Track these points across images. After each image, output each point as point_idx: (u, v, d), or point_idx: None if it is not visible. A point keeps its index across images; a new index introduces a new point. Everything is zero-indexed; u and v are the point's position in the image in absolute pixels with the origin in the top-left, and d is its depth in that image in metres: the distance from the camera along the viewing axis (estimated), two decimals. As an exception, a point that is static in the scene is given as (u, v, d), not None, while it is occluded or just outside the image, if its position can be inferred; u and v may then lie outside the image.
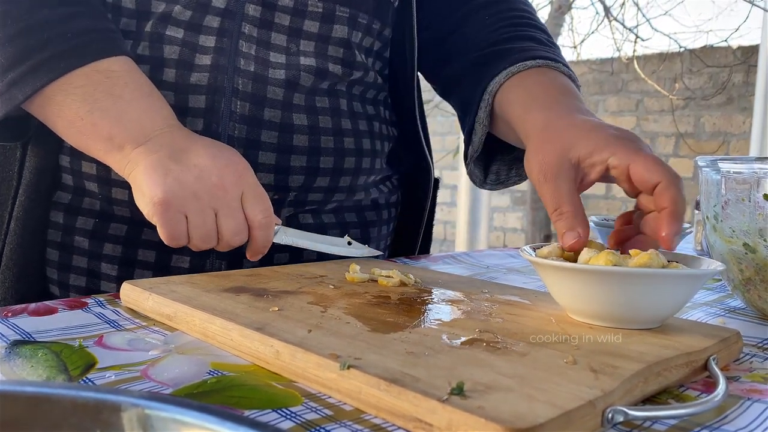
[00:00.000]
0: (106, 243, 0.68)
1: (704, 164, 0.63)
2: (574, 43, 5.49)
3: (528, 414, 0.30)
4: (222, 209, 0.58)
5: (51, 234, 0.69)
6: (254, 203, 0.59)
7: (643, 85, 4.69)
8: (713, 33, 9.02)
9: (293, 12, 0.69)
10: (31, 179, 0.67)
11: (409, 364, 0.36)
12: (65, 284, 0.69)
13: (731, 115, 4.35)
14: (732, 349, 0.45)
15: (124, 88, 0.59)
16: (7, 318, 0.50)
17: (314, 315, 0.47)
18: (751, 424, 0.35)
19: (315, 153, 0.71)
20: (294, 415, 0.34)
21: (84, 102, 0.57)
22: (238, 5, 0.66)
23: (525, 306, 0.52)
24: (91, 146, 0.60)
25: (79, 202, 0.68)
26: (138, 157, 0.58)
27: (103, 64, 0.58)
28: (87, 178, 0.67)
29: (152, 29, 0.65)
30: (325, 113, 0.72)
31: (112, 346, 0.44)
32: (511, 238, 5.57)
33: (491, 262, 0.90)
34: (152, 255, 0.68)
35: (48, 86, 0.57)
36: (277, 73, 0.68)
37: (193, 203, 0.56)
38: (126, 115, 0.58)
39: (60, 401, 0.25)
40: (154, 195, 0.55)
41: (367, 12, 0.74)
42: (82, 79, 0.58)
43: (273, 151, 0.68)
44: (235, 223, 0.58)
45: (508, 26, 0.76)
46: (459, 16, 0.81)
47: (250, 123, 0.67)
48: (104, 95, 0.58)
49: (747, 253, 0.58)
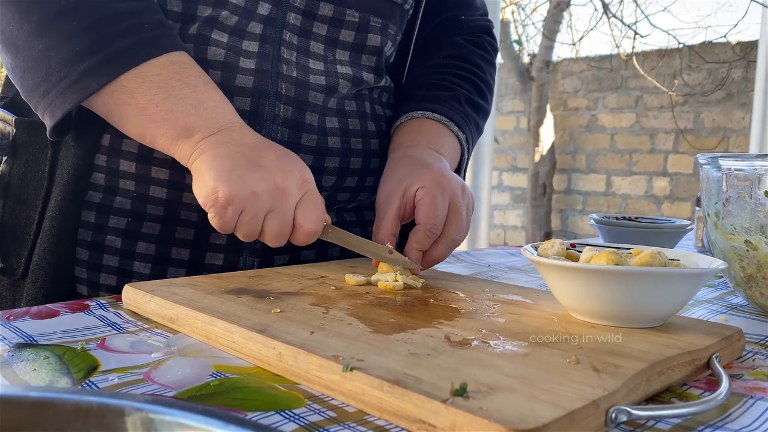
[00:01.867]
0: (140, 242, 0.68)
1: (705, 161, 0.63)
2: (573, 40, 5.50)
3: (531, 415, 0.30)
4: (274, 211, 0.58)
5: (81, 233, 0.69)
6: (309, 210, 0.60)
7: (643, 81, 4.68)
8: (712, 29, 9.03)
9: (331, 22, 0.71)
10: (68, 179, 0.67)
11: (411, 365, 0.36)
12: (95, 283, 0.69)
13: (731, 110, 4.34)
14: (734, 346, 0.45)
15: (198, 79, 0.60)
16: (9, 321, 0.50)
17: (316, 316, 0.47)
18: (754, 422, 0.35)
19: (346, 154, 0.74)
20: (297, 417, 0.34)
21: (160, 89, 0.58)
22: (280, 13, 0.68)
23: (527, 305, 0.52)
24: (161, 134, 0.60)
25: (110, 201, 0.69)
26: (207, 146, 0.59)
27: (175, 56, 0.60)
28: (124, 176, 0.68)
29: (198, 32, 0.67)
30: (354, 116, 0.75)
31: (114, 348, 0.44)
32: (512, 235, 5.57)
33: (492, 261, 0.90)
34: (186, 253, 0.69)
35: (123, 74, 0.58)
36: (318, 78, 0.71)
37: (251, 203, 0.57)
38: (202, 104, 0.60)
39: (64, 406, 0.25)
40: (218, 189, 0.56)
41: (395, 23, 0.78)
42: (157, 68, 0.59)
43: (311, 153, 0.71)
44: (279, 228, 0.59)
45: (447, 73, 0.84)
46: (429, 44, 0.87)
47: (292, 126, 0.69)
48: (180, 84, 0.59)
49: (748, 250, 0.58)
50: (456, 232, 0.65)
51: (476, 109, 0.83)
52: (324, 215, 0.62)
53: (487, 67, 0.88)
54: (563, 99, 5.16)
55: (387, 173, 0.71)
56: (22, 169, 0.71)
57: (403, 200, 0.66)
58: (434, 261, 0.66)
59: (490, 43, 0.91)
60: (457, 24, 0.90)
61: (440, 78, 0.83)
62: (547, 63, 5.10)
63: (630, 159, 4.79)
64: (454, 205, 0.65)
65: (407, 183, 0.66)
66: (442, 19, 0.89)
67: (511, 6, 5.63)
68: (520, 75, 5.34)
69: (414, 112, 0.78)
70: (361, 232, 0.80)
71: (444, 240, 0.65)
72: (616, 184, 4.87)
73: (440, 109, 0.78)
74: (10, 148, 0.72)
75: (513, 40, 5.51)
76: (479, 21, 0.91)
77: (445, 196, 0.64)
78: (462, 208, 0.66)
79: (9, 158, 0.72)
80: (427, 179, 0.65)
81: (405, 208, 0.66)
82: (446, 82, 0.82)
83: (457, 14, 0.89)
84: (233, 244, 0.69)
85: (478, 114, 0.84)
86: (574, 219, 5.16)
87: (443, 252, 0.65)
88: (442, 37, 0.88)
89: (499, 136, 5.43)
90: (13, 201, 0.71)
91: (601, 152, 4.94)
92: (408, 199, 0.66)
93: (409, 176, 0.67)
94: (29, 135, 0.70)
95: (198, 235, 0.69)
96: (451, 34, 0.89)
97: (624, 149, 4.81)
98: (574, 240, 0.56)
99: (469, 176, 2.66)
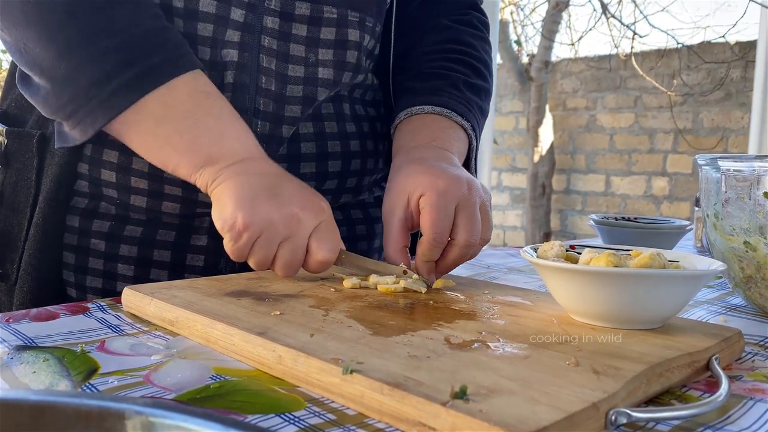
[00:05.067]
0: (122, 244, 0.69)
1: (704, 162, 0.63)
2: (572, 40, 5.50)
3: (531, 417, 0.30)
4: (289, 239, 0.58)
5: (67, 238, 0.70)
6: (324, 239, 0.59)
7: (642, 81, 4.69)
8: (711, 29, 9.03)
9: (309, 21, 0.69)
10: (51, 186, 0.68)
11: (411, 367, 0.36)
12: (82, 286, 0.70)
13: (730, 110, 4.35)
14: (734, 348, 0.45)
15: (222, 109, 0.61)
16: (9, 323, 0.50)
17: (316, 319, 0.47)
18: (754, 424, 0.35)
19: (323, 158, 0.73)
20: (297, 419, 0.34)
21: (186, 119, 0.59)
22: (256, 18, 0.67)
23: (526, 307, 0.52)
24: (183, 164, 0.60)
25: (95, 206, 0.69)
26: (229, 174, 0.59)
27: (200, 80, 0.60)
28: (106, 185, 0.68)
29: None
30: (331, 119, 0.74)
31: (114, 351, 0.44)
32: (511, 236, 5.57)
33: (492, 262, 0.90)
34: (167, 255, 0.69)
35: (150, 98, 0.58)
36: (295, 90, 0.70)
37: (267, 230, 0.57)
38: (227, 135, 0.60)
39: (64, 410, 0.25)
40: (237, 215, 0.56)
41: (372, 15, 0.75)
42: (183, 95, 0.59)
43: (284, 162, 0.70)
44: (291, 257, 0.58)
45: (439, 59, 0.80)
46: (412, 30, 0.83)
47: (268, 141, 0.69)
48: (205, 114, 0.60)
49: (747, 251, 0.58)
50: (468, 234, 0.61)
51: (476, 91, 0.79)
52: (339, 245, 0.60)
53: (480, 44, 0.83)
54: (562, 99, 5.16)
55: (389, 183, 0.68)
56: (13, 177, 0.72)
57: (407, 210, 0.64)
58: (449, 268, 0.63)
59: (478, 19, 0.86)
60: (437, 3, 0.84)
61: (432, 66, 0.79)
62: (546, 63, 5.11)
63: (629, 159, 4.79)
64: (462, 205, 0.62)
65: (409, 191, 0.64)
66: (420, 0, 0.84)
67: (510, 6, 5.63)
68: (519, 75, 5.34)
69: (412, 108, 0.75)
70: (348, 230, 0.79)
71: (456, 245, 0.61)
72: (616, 184, 4.87)
73: (439, 100, 0.74)
74: (2, 158, 0.72)
75: (512, 41, 5.51)
76: None
77: (448, 199, 0.61)
78: (472, 207, 0.62)
79: (2, 168, 0.73)
80: (426, 185, 0.62)
81: (411, 218, 0.64)
82: (440, 69, 0.78)
83: None
84: (213, 246, 0.70)
85: (479, 96, 0.79)
86: (573, 219, 5.16)
87: (457, 257, 0.62)
88: (424, 20, 0.83)
89: (499, 136, 5.43)
90: (6, 209, 0.72)
91: (600, 152, 4.94)
92: (413, 208, 0.64)
93: (410, 184, 0.64)
94: (19, 144, 0.71)
95: (179, 238, 0.69)
96: (432, 15, 0.83)
97: (623, 149, 4.81)
98: (573, 241, 0.56)
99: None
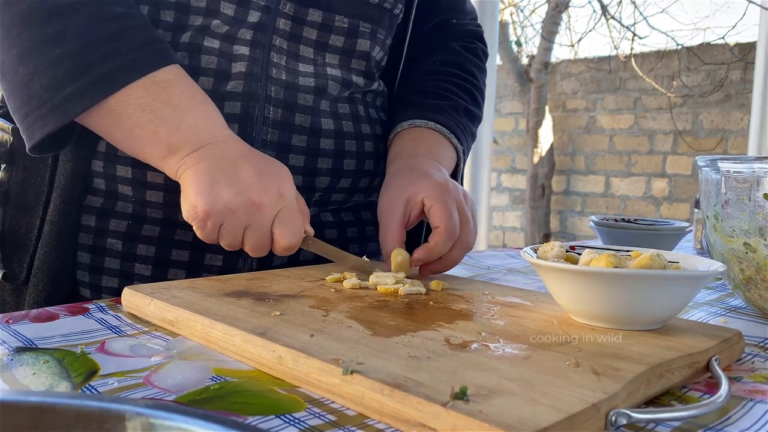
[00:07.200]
0: (140, 244, 0.70)
1: (704, 164, 0.63)
2: (572, 41, 5.49)
3: (531, 418, 0.30)
4: (251, 226, 0.60)
5: (82, 237, 0.70)
6: (286, 225, 0.60)
7: (641, 82, 4.69)
8: (710, 30, 9.02)
9: (320, 27, 0.73)
10: (66, 184, 0.68)
11: (411, 368, 0.36)
12: (97, 286, 0.70)
13: (729, 112, 4.35)
14: (734, 349, 0.45)
15: (180, 96, 0.61)
16: (9, 324, 0.50)
17: (316, 319, 0.47)
18: (754, 425, 0.35)
19: (340, 156, 0.75)
20: (297, 421, 0.34)
21: (144, 112, 0.60)
22: (269, 19, 0.69)
23: (526, 308, 0.52)
24: (148, 153, 0.62)
25: (111, 206, 0.70)
26: (189, 162, 0.60)
27: (159, 75, 0.61)
28: (121, 181, 0.69)
29: (190, 40, 0.68)
30: (348, 118, 0.77)
31: (114, 352, 0.44)
32: (511, 237, 5.57)
33: (491, 263, 0.90)
34: (186, 254, 0.70)
35: (107, 99, 0.59)
36: (307, 80, 0.72)
37: (228, 218, 0.59)
38: (184, 123, 0.61)
39: (64, 411, 0.25)
40: (197, 205, 0.58)
41: (384, 27, 0.79)
42: (140, 90, 0.60)
43: (302, 154, 0.72)
44: (257, 242, 0.60)
45: (444, 81, 0.85)
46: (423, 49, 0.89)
47: (282, 128, 0.70)
48: (162, 105, 0.60)
49: (747, 253, 0.58)
50: (469, 235, 0.66)
51: (472, 118, 0.86)
52: (302, 229, 0.62)
53: (480, 75, 0.90)
54: (562, 100, 5.16)
55: (388, 183, 0.72)
56: (20, 176, 0.72)
57: (406, 209, 0.67)
58: (451, 264, 0.67)
59: (482, 50, 0.93)
60: (449, 28, 0.91)
61: (437, 86, 0.85)
62: (545, 64, 5.11)
63: (629, 160, 4.79)
64: (460, 209, 0.67)
65: (410, 192, 0.67)
66: (433, 24, 0.90)
67: (510, 7, 5.64)
68: (519, 76, 5.34)
69: (417, 120, 0.80)
70: (359, 231, 0.82)
71: (460, 243, 0.66)
72: (615, 185, 4.87)
73: (442, 120, 0.80)
74: (8, 156, 0.73)
75: (512, 42, 5.51)
76: (470, 26, 0.94)
77: (451, 201, 0.66)
78: (468, 212, 0.68)
79: (7, 166, 0.73)
80: (431, 187, 0.67)
81: (409, 217, 0.68)
82: (444, 90, 0.84)
83: (449, 18, 0.91)
84: None
85: (473, 123, 0.86)
86: (573, 220, 5.16)
87: (459, 255, 0.66)
88: (435, 42, 0.90)
89: (498, 137, 5.43)
90: (13, 208, 0.72)
91: (600, 153, 4.94)
92: (412, 207, 0.67)
93: (412, 185, 0.68)
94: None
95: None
96: (443, 39, 0.90)
97: (623, 150, 4.81)
98: (573, 242, 0.56)
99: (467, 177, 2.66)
